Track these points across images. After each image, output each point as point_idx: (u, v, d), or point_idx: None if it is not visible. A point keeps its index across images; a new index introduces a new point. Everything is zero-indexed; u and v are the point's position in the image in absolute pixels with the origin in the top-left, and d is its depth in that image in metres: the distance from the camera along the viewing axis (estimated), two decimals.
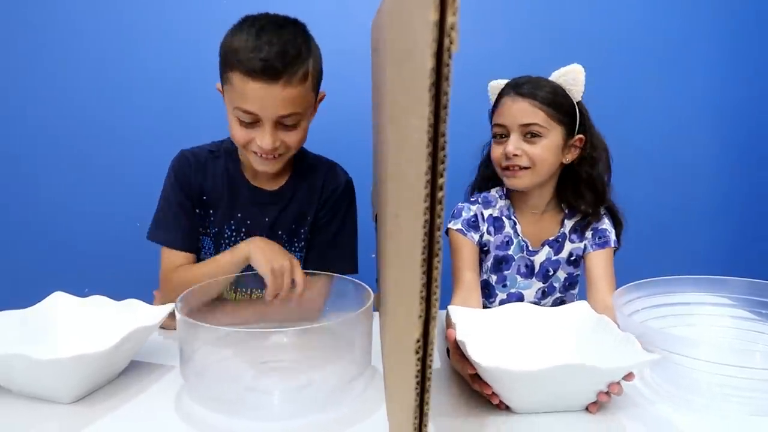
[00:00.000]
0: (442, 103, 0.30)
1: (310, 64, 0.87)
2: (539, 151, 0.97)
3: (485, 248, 1.08)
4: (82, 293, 1.57)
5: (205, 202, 0.97)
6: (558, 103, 0.98)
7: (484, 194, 1.09)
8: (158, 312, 0.74)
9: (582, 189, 1.02)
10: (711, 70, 1.71)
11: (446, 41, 0.29)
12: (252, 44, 0.82)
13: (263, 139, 0.85)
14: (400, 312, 0.41)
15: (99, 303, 0.79)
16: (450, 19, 0.28)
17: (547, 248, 1.05)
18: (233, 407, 0.59)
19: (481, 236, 1.07)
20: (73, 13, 1.49)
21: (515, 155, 0.98)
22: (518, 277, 1.07)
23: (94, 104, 1.52)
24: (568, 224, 1.04)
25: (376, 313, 0.71)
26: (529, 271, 1.07)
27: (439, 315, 0.88)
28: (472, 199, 1.09)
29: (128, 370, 0.70)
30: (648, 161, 1.70)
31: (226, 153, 0.99)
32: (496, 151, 1.01)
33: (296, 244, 1.01)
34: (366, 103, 0.85)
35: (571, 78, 1.01)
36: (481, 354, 0.59)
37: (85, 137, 1.53)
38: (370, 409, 0.61)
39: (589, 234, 1.04)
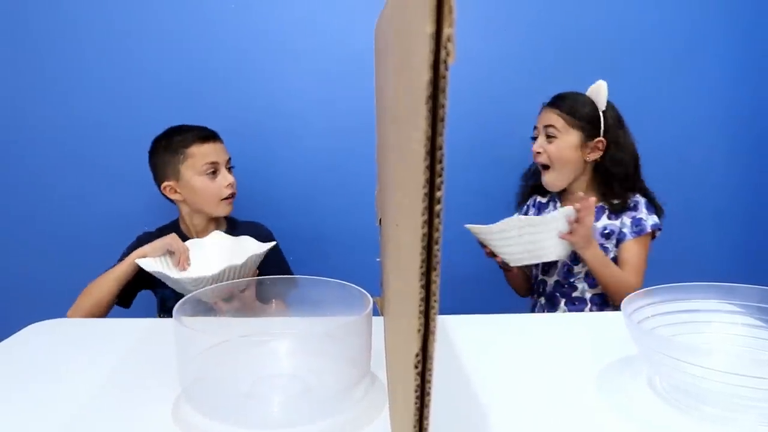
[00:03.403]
0: (439, 116, 0.30)
1: None
2: (553, 149, 1.25)
3: None
4: None
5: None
6: (576, 111, 1.24)
7: (535, 198, 1.41)
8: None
9: (605, 183, 1.25)
10: (721, 72, 1.68)
11: (443, 53, 0.28)
12: (189, 129, 1.25)
13: (226, 177, 1.25)
14: (399, 324, 0.41)
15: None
16: (446, 31, 0.27)
17: None
18: (232, 415, 0.58)
19: None
20: (77, 14, 1.50)
21: (538, 153, 1.28)
22: None
23: (101, 108, 1.53)
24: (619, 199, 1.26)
25: (379, 318, 0.70)
26: None
27: (442, 322, 0.90)
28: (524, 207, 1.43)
29: (124, 376, 0.70)
30: (657, 164, 1.68)
31: (172, 227, 1.32)
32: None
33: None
34: (370, 105, 0.84)
35: (595, 92, 1.26)
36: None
37: (90, 141, 1.54)
38: (370, 415, 0.60)
39: (627, 221, 1.24)
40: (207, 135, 1.25)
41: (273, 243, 1.14)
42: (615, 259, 1.25)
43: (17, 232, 1.55)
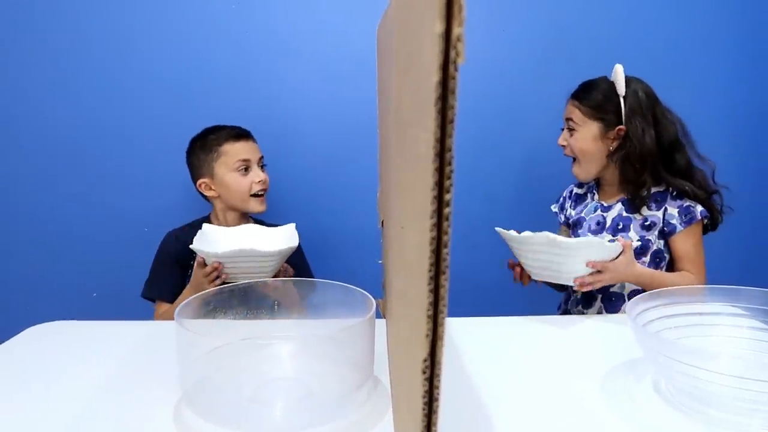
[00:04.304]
0: (449, 118, 0.29)
1: None
2: (574, 142, 1.22)
3: (570, 221, 1.33)
4: (90, 296, 1.57)
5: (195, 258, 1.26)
6: (597, 103, 1.20)
7: (572, 189, 1.37)
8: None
9: (624, 173, 1.19)
10: (724, 71, 1.67)
11: (452, 53, 0.28)
12: (224, 129, 1.31)
13: (258, 174, 1.30)
14: (403, 328, 0.40)
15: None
16: (456, 30, 0.27)
17: (620, 205, 1.22)
18: (234, 419, 0.58)
19: (566, 212, 1.35)
20: (77, 14, 1.49)
21: (563, 145, 1.25)
22: (589, 233, 1.25)
23: (103, 108, 1.52)
24: (652, 190, 1.18)
25: (381, 320, 0.69)
26: (600, 227, 1.23)
27: (448, 325, 0.89)
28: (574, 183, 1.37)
29: (125, 378, 0.70)
30: None
31: (203, 222, 1.30)
32: None
33: None
34: (372, 105, 0.84)
35: (614, 77, 1.20)
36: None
37: (93, 142, 1.53)
38: (373, 420, 0.59)
39: (674, 210, 1.16)
40: (239, 134, 1.30)
41: (293, 223, 1.20)
42: (658, 252, 1.18)
43: (18, 233, 1.54)
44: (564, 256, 0.95)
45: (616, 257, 1.01)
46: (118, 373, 0.72)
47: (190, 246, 1.04)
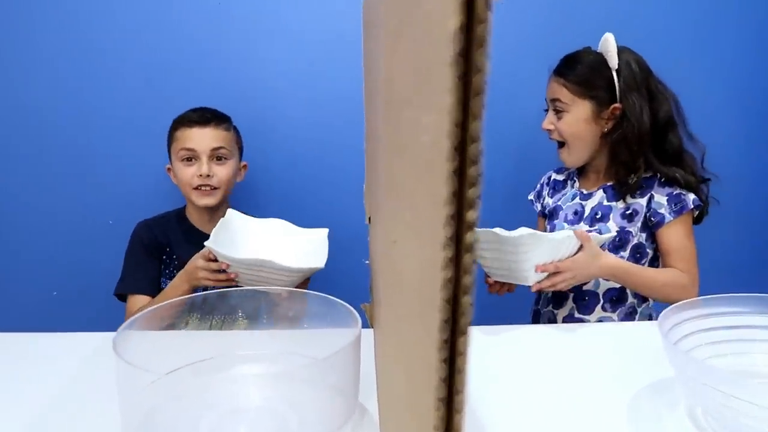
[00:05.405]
0: (475, 87, 0.18)
1: (232, 126, 1.24)
2: (564, 126, 1.08)
3: (546, 211, 1.22)
4: (50, 295, 1.46)
5: (169, 252, 1.20)
6: (585, 79, 1.06)
7: (550, 176, 1.26)
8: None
9: (616, 156, 1.07)
10: (737, 64, 1.55)
11: None
12: (189, 112, 1.20)
13: (200, 166, 1.16)
14: (399, 378, 0.29)
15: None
16: None
17: (601, 192, 1.12)
18: None
19: (543, 201, 1.25)
20: (46, 9, 1.35)
21: (549, 130, 1.11)
22: (565, 224, 1.14)
23: (65, 100, 1.41)
24: (634, 177, 1.06)
25: (367, 330, 0.58)
26: (578, 217, 1.13)
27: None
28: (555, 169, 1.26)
29: (63, 408, 0.60)
30: None
31: (176, 215, 1.26)
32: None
33: None
34: (359, 90, 0.73)
35: (604, 48, 1.08)
36: None
37: (55, 134, 1.41)
38: None
39: (662, 198, 1.05)
40: (197, 120, 1.19)
41: (326, 229, 1.10)
42: (639, 246, 1.08)
43: None
44: (512, 254, 0.85)
45: (575, 253, 0.92)
46: (54, 402, 0.61)
47: (205, 243, 0.91)
